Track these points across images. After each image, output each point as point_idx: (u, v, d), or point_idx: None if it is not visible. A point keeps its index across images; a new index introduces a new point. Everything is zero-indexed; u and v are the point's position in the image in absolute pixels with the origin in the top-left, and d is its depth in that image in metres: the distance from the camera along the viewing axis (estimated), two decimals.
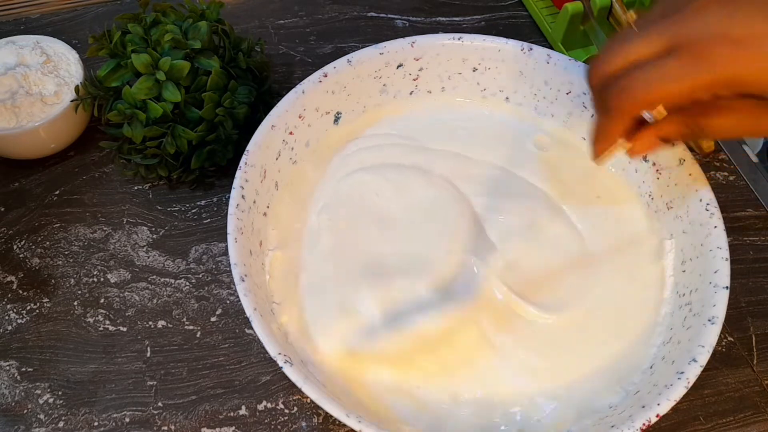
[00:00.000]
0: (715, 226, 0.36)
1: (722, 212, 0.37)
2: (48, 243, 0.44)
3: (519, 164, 0.43)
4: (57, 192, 0.46)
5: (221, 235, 0.44)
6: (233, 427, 0.38)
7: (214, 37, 0.43)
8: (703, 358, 0.33)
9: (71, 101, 0.44)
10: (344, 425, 0.32)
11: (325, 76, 0.42)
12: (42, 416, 0.38)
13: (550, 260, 0.39)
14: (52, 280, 0.42)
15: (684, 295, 0.37)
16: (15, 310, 0.41)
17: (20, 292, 0.42)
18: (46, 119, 0.43)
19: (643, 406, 0.32)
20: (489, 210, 0.41)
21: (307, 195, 0.42)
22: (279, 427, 0.38)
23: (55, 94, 0.44)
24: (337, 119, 0.44)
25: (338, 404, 0.31)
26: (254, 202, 0.39)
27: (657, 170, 0.40)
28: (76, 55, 0.46)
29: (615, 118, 0.31)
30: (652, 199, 0.41)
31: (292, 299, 0.37)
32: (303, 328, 0.37)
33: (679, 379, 0.32)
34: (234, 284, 0.35)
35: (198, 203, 0.46)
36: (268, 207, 0.41)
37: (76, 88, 0.44)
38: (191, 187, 0.46)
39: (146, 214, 0.45)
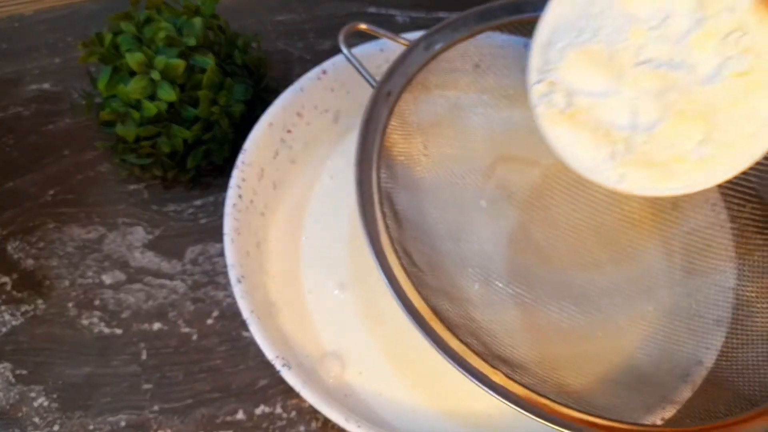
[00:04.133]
0: (721, 226, 0.36)
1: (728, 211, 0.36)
2: (42, 243, 0.43)
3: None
4: (52, 192, 0.45)
5: (218, 235, 0.43)
6: None
7: (209, 34, 0.42)
8: (709, 359, 0.33)
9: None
10: (343, 430, 0.31)
11: (324, 73, 0.41)
12: (37, 419, 0.38)
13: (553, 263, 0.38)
14: (47, 282, 0.42)
15: (689, 295, 0.36)
16: (9, 312, 0.41)
17: (14, 293, 0.42)
18: None
19: (647, 408, 0.31)
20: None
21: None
22: (277, 431, 0.37)
23: None
24: (336, 118, 0.43)
25: (337, 408, 0.31)
26: (251, 201, 0.38)
27: None
28: None
29: None
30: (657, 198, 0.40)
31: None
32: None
33: (684, 381, 0.32)
34: (231, 286, 0.34)
35: (194, 203, 0.45)
36: (265, 207, 0.40)
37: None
38: (187, 186, 0.46)
39: (141, 214, 0.44)
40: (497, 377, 0.29)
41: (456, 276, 0.36)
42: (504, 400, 0.28)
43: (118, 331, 0.40)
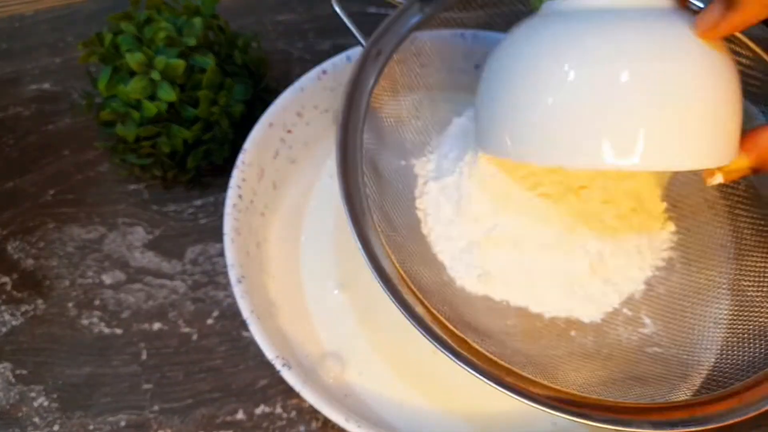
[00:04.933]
0: (721, 226, 0.36)
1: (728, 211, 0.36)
2: (42, 243, 0.43)
3: None
4: (52, 192, 0.45)
5: (218, 235, 0.43)
6: None
7: (209, 34, 0.42)
8: (709, 360, 0.32)
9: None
10: (343, 430, 0.31)
11: (324, 73, 0.41)
12: (37, 419, 0.37)
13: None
14: (47, 282, 0.42)
15: (689, 295, 0.36)
16: (9, 312, 0.41)
17: (14, 293, 0.42)
18: None
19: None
20: None
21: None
22: (277, 431, 0.37)
23: None
24: (336, 118, 0.43)
25: (337, 408, 0.31)
26: (251, 201, 0.38)
27: None
28: None
29: None
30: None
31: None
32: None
33: (684, 382, 0.32)
34: (231, 286, 0.34)
35: (194, 203, 0.45)
36: (265, 207, 0.40)
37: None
38: (187, 186, 0.46)
39: (142, 214, 0.44)
40: (464, 345, 0.29)
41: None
42: (469, 369, 0.28)
43: (118, 331, 0.40)
